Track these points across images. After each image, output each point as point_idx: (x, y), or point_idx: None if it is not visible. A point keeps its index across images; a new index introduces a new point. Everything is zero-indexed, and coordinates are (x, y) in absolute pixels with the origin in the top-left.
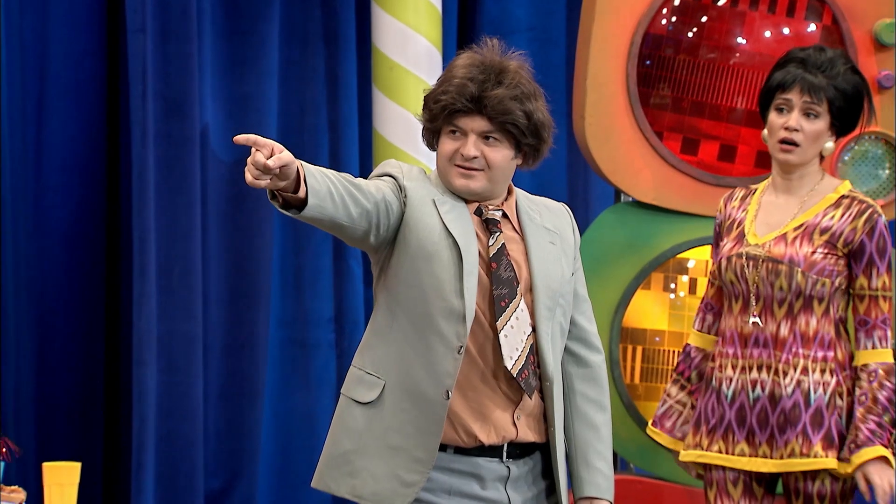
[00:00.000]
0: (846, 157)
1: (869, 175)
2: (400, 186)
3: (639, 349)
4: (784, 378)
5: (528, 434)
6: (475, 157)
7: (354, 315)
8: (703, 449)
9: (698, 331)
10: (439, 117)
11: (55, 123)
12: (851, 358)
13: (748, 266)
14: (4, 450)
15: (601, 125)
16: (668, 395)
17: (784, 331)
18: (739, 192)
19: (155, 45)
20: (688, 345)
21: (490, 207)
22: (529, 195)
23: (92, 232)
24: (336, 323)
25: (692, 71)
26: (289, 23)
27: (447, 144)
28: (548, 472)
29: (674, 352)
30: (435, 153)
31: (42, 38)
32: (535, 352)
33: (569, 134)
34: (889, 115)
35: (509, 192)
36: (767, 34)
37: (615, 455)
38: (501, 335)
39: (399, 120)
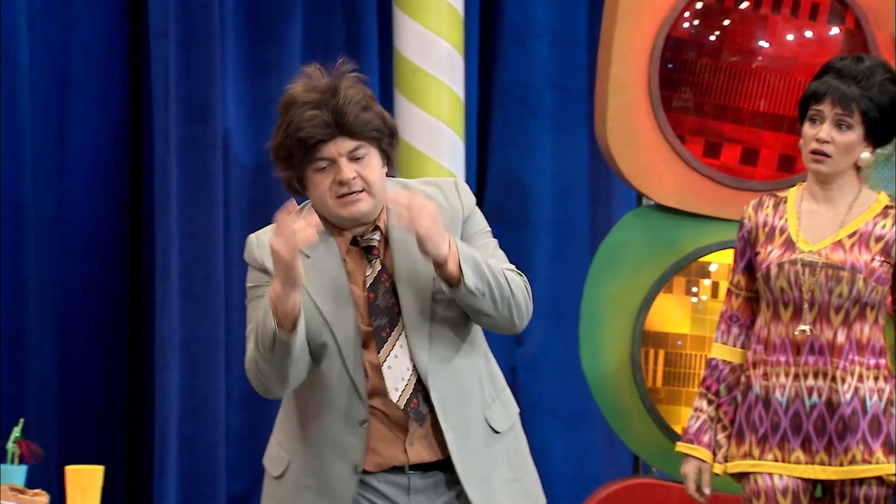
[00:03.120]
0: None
1: (890, 179)
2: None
3: (661, 353)
4: (842, 385)
5: (422, 455)
6: (353, 178)
7: None
8: (754, 458)
9: (723, 344)
10: (299, 158)
11: (78, 127)
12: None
13: (803, 273)
14: (28, 453)
15: (623, 129)
16: (700, 410)
17: (841, 337)
18: (769, 200)
19: (178, 49)
20: (713, 358)
21: (368, 231)
22: (408, 184)
23: (114, 235)
24: None
25: (714, 74)
26: (311, 27)
27: (320, 182)
28: (456, 481)
29: (696, 355)
30: (312, 203)
31: (65, 42)
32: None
33: (591, 138)
34: None
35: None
36: (790, 38)
37: (637, 459)
38: (384, 367)
39: (421, 124)
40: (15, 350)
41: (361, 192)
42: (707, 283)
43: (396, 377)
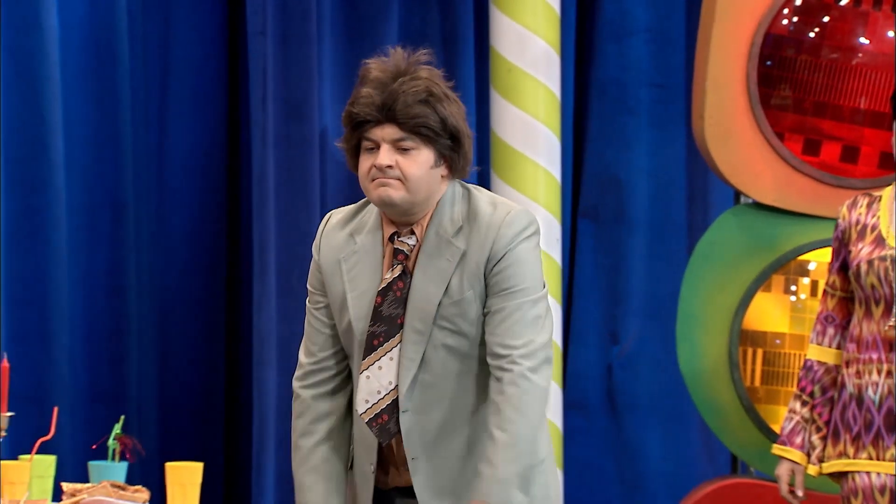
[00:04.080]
0: None
1: None
2: (320, 282)
3: (759, 352)
4: None
5: (396, 480)
6: (389, 167)
7: None
8: (849, 457)
9: (819, 345)
10: (350, 133)
11: (176, 127)
12: None
13: (893, 269)
14: (129, 450)
15: (721, 126)
16: (794, 412)
17: None
18: (863, 199)
19: (275, 47)
20: (809, 360)
21: (404, 232)
22: (482, 201)
23: (213, 234)
24: None
25: (814, 71)
26: (407, 25)
27: (364, 162)
28: None
29: (795, 354)
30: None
31: (164, 42)
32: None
33: (688, 135)
34: None
35: (438, 205)
36: (891, 34)
37: (735, 458)
38: (362, 376)
39: (517, 122)
40: (115, 348)
41: (397, 180)
42: (806, 281)
43: (371, 389)
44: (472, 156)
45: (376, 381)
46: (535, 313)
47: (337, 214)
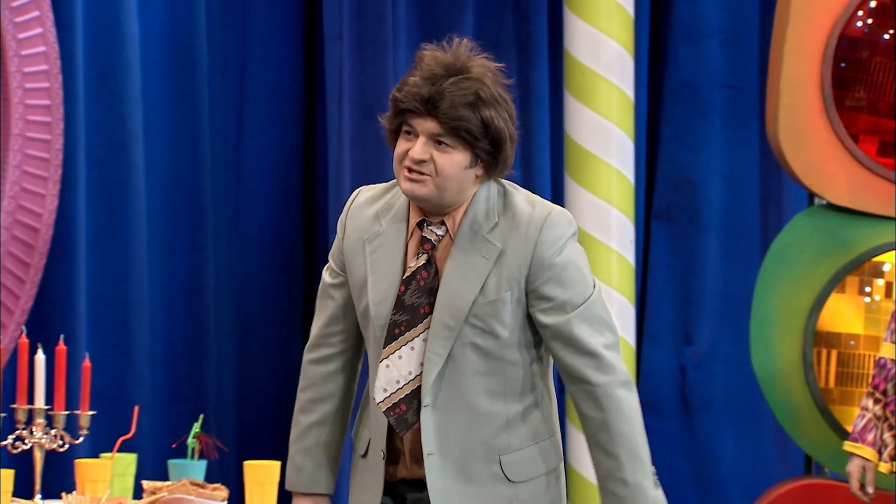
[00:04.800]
0: None
1: None
2: (341, 261)
3: (833, 353)
4: None
5: (402, 473)
6: (423, 161)
7: None
8: None
9: (892, 343)
10: (392, 115)
11: (254, 130)
12: None
13: None
14: (207, 448)
15: (795, 128)
16: (866, 409)
17: None
18: None
19: (351, 51)
20: (882, 357)
21: (435, 221)
22: (518, 198)
23: (290, 235)
24: None
25: (888, 73)
26: (482, 29)
27: (400, 145)
28: None
29: (869, 356)
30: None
31: (242, 46)
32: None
33: (761, 137)
34: None
35: (472, 200)
36: None
37: (809, 459)
38: (382, 364)
39: (591, 125)
40: (194, 348)
41: (428, 175)
42: (880, 282)
43: (391, 378)
44: (514, 159)
45: (396, 370)
46: (597, 316)
47: (367, 192)
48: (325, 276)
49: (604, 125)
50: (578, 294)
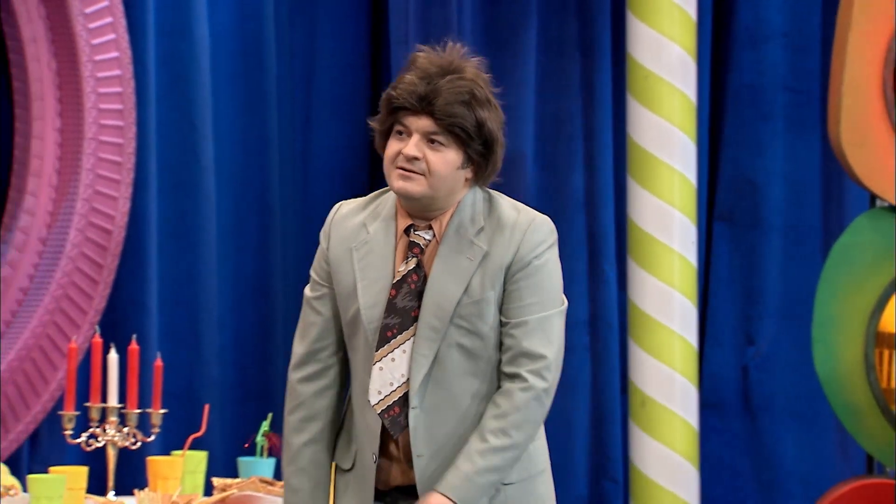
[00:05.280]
0: None
1: None
2: (325, 272)
3: (895, 354)
4: None
5: (397, 479)
6: (416, 159)
7: (608, 318)
8: None
9: None
10: (385, 115)
11: (321, 134)
12: None
13: None
14: (276, 446)
15: (857, 130)
16: None
17: None
18: None
19: None
20: None
21: (422, 226)
22: (503, 205)
23: None
24: (590, 326)
25: None
26: (546, 33)
27: (392, 146)
28: None
29: None
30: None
31: (310, 50)
32: None
33: (823, 139)
34: None
35: (458, 205)
36: None
37: (871, 458)
38: (376, 367)
39: (653, 128)
40: (263, 348)
41: (420, 174)
42: None
43: (384, 381)
44: (501, 166)
45: (389, 373)
46: (559, 326)
47: (347, 205)
48: (308, 292)
49: (666, 128)
50: (544, 303)
